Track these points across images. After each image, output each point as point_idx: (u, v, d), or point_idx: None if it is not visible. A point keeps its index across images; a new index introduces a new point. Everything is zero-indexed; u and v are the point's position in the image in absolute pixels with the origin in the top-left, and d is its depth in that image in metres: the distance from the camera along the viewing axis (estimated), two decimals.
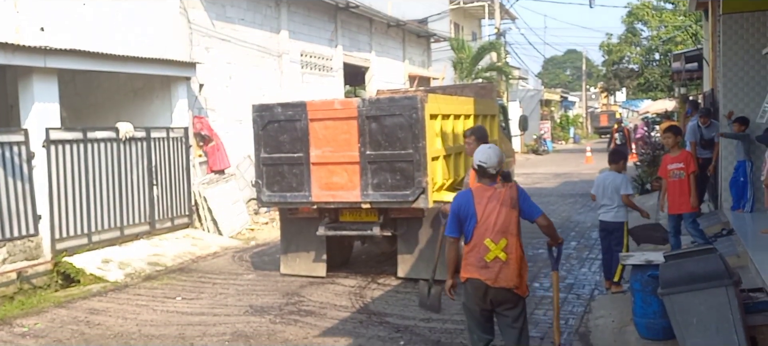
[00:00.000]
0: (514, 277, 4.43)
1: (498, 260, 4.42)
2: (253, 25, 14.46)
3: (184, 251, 10.75)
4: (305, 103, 8.16)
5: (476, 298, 4.51)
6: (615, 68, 37.87)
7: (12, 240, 9.00)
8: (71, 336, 6.72)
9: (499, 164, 4.54)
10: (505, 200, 4.46)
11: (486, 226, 4.46)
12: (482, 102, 10.30)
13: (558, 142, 43.54)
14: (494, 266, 4.43)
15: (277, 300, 7.75)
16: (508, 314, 4.51)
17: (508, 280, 4.42)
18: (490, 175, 4.53)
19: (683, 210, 7.79)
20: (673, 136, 7.92)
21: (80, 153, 9.93)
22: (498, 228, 4.44)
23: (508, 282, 4.42)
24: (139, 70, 11.25)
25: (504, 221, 4.43)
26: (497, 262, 4.43)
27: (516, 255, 4.44)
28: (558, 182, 19.88)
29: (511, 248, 4.43)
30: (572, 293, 7.61)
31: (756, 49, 9.13)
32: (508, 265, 4.42)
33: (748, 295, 5.25)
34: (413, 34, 23.00)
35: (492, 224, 4.44)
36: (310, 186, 8.08)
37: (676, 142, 7.90)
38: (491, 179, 4.54)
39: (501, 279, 4.42)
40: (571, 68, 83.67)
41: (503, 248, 4.42)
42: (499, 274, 4.42)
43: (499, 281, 4.42)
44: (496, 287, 4.42)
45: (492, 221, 4.44)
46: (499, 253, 4.42)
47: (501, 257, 4.42)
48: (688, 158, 7.84)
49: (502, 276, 4.42)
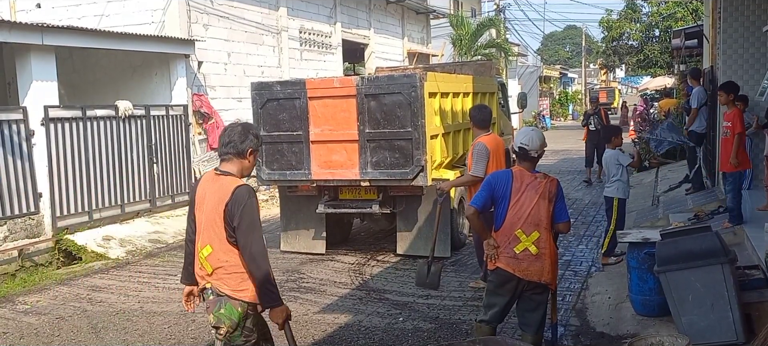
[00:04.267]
0: (546, 272, 4.26)
1: (528, 252, 4.23)
2: (252, 2, 14.38)
3: (185, 229, 10.79)
4: (304, 82, 8.16)
5: (506, 289, 4.35)
6: (614, 45, 37.66)
7: (13, 218, 9.05)
8: (73, 313, 6.79)
9: (541, 148, 4.37)
10: (543, 193, 4.24)
11: (519, 214, 4.24)
12: (481, 80, 10.29)
13: (557, 119, 43.52)
14: (524, 258, 4.24)
15: (277, 277, 7.71)
16: (533, 298, 4.35)
17: (540, 274, 4.25)
18: (531, 158, 4.35)
19: (726, 169, 7.60)
20: (725, 95, 7.68)
21: (80, 131, 9.93)
22: (531, 219, 4.22)
23: (540, 276, 4.26)
24: (138, 47, 11.21)
25: (538, 214, 4.22)
26: (527, 254, 4.23)
27: (549, 250, 4.25)
28: (556, 159, 19.93)
29: (543, 242, 4.22)
30: (569, 270, 7.67)
31: (756, 26, 9.11)
32: (540, 259, 4.23)
33: (743, 272, 5.30)
34: (412, 11, 22.87)
35: (525, 214, 4.23)
36: (309, 164, 8.10)
37: (728, 99, 7.63)
38: (532, 162, 4.36)
39: (532, 272, 4.25)
40: (570, 45, 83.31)
41: (534, 241, 4.22)
42: (529, 267, 4.24)
43: (530, 275, 4.25)
44: (527, 280, 4.27)
45: (526, 210, 4.23)
46: (529, 245, 4.22)
47: (532, 250, 4.22)
48: (735, 118, 7.48)
49: (533, 270, 4.24)
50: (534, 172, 4.36)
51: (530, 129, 4.51)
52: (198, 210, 3.67)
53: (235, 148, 3.57)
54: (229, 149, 3.57)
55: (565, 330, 5.75)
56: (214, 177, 3.62)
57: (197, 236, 3.66)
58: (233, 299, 3.54)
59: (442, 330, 5.85)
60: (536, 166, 4.43)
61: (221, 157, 3.63)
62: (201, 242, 3.60)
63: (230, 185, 3.51)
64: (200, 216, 3.64)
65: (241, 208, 3.44)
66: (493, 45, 27.69)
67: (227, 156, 3.60)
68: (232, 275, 3.54)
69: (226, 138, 3.59)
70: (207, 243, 3.56)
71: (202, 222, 3.61)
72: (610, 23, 36.78)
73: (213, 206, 3.53)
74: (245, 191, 3.49)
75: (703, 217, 8.07)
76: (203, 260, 3.59)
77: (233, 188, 3.49)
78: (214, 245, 3.54)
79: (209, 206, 3.55)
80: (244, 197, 3.47)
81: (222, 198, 3.49)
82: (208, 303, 3.60)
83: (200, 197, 3.66)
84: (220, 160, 3.64)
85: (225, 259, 3.53)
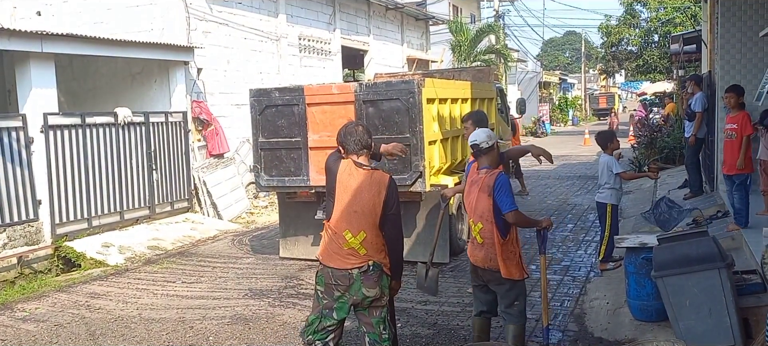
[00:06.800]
0: (490, 260, 4.52)
1: (475, 241, 4.62)
2: (251, 9, 14.42)
3: (184, 235, 10.81)
4: (302, 88, 8.18)
5: (473, 277, 4.80)
6: (614, 50, 37.74)
7: (12, 225, 9.06)
8: (72, 320, 6.79)
9: (489, 138, 4.62)
10: (483, 186, 4.53)
11: (470, 206, 4.65)
12: (479, 86, 10.30)
13: (557, 124, 43.54)
14: (474, 246, 4.65)
15: (276, 283, 7.82)
16: (495, 290, 4.65)
17: (486, 262, 4.54)
18: (484, 150, 4.60)
19: (731, 172, 7.59)
20: (735, 97, 7.70)
21: (79, 138, 9.95)
22: (476, 211, 4.57)
23: (486, 263, 4.55)
24: (137, 54, 11.23)
25: (480, 206, 4.53)
26: (475, 243, 4.63)
27: (491, 240, 4.49)
28: (556, 164, 19.94)
29: (486, 232, 4.51)
30: (568, 275, 7.67)
31: (754, 31, 9.13)
32: (484, 247, 4.54)
33: (741, 277, 5.30)
34: (411, 17, 22.92)
35: (471, 206, 4.62)
36: (308, 170, 8.11)
37: (737, 102, 7.67)
38: (486, 155, 4.60)
39: (478, 259, 4.60)
40: (570, 50, 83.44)
41: (479, 231, 4.54)
42: (476, 253, 4.61)
43: (477, 260, 4.62)
44: (477, 266, 4.62)
45: (471, 203, 4.61)
46: (476, 235, 4.59)
47: (477, 239, 4.58)
48: (743, 120, 7.53)
49: (480, 257, 4.58)
50: (485, 167, 4.60)
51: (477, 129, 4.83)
52: (346, 199, 4.03)
53: (365, 143, 4.11)
54: (360, 145, 4.09)
55: (563, 335, 5.76)
56: (364, 170, 4.07)
57: (341, 223, 4.03)
58: (385, 273, 4.11)
59: (440, 336, 5.85)
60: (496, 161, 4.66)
61: (355, 152, 4.10)
62: (353, 228, 4.02)
63: (384, 177, 4.10)
64: (352, 206, 4.02)
65: (396, 194, 4.10)
66: (493, 51, 27.72)
67: (362, 151, 4.11)
68: (381, 252, 4.08)
69: (356, 136, 4.10)
70: (361, 230, 4.01)
71: (355, 212, 4.01)
72: (610, 29, 36.88)
73: (370, 196, 4.01)
74: (394, 181, 4.17)
75: (702, 222, 8.06)
76: (357, 244, 4.01)
77: (388, 179, 4.09)
78: (368, 231, 4.02)
79: (366, 196, 4.01)
80: (395, 186, 4.14)
81: (380, 189, 4.03)
82: (369, 279, 4.03)
83: (350, 187, 4.04)
84: (356, 154, 4.11)
85: (377, 240, 4.06)
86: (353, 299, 4.07)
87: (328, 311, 4.11)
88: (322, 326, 4.13)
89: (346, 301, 4.08)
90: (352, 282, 4.04)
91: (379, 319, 4.12)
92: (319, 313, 4.15)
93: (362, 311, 4.13)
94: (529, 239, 8.93)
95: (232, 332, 6.19)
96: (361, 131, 4.14)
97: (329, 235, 4.12)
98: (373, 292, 4.06)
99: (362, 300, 4.07)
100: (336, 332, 4.17)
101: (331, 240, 4.10)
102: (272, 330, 6.21)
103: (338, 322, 4.14)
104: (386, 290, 4.13)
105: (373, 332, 4.13)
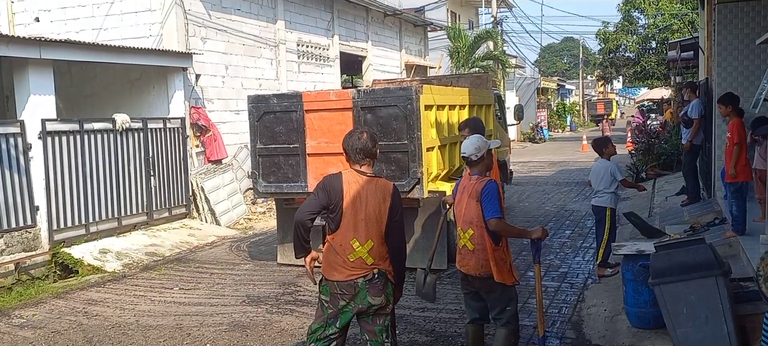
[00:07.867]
0: (482, 267, 4.49)
1: (466, 248, 4.57)
2: (250, 16, 14.44)
3: (182, 241, 10.80)
4: (301, 94, 8.19)
5: (463, 285, 4.77)
6: (611, 56, 37.82)
7: (9, 231, 9.05)
8: (69, 327, 6.78)
9: (477, 151, 4.59)
10: (472, 193, 4.53)
11: (459, 214, 4.64)
12: (477, 92, 10.33)
13: (555, 130, 43.62)
14: (464, 254, 4.60)
15: (273, 290, 7.81)
16: (487, 297, 4.63)
17: (478, 269, 4.51)
18: (472, 162, 4.61)
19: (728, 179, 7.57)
20: (724, 106, 7.75)
21: (77, 144, 9.95)
22: (465, 218, 4.56)
23: (478, 271, 4.51)
24: (135, 60, 11.25)
25: (470, 213, 4.52)
26: (466, 250, 4.58)
27: (483, 246, 4.46)
28: (554, 170, 19.95)
29: (476, 238, 4.49)
30: (566, 282, 7.67)
31: (751, 38, 9.16)
32: (475, 254, 4.51)
33: (738, 284, 5.31)
34: (410, 23, 22.97)
35: (461, 214, 4.61)
36: (306, 177, 8.11)
37: (727, 111, 7.68)
38: (477, 165, 4.61)
39: (470, 267, 4.55)
40: (568, 56, 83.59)
41: (470, 238, 4.52)
42: (468, 261, 4.57)
43: (469, 269, 4.57)
44: (468, 274, 4.59)
45: (461, 210, 4.60)
46: (466, 242, 4.55)
47: (468, 246, 4.54)
48: (733, 129, 7.53)
49: (471, 264, 4.54)
50: (476, 173, 4.61)
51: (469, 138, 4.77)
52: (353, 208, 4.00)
53: (368, 152, 4.10)
54: (362, 154, 4.08)
55: (560, 343, 5.75)
56: (366, 179, 4.07)
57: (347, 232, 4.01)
58: (390, 281, 4.12)
59: (437, 343, 5.86)
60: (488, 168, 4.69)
61: (358, 161, 4.10)
62: (361, 237, 4.01)
63: (388, 184, 4.13)
64: (358, 214, 4.01)
65: (400, 201, 4.14)
66: (491, 57, 27.79)
67: (365, 160, 4.11)
68: (386, 260, 4.09)
69: (360, 144, 4.08)
70: (369, 238, 4.01)
71: (362, 220, 4.01)
72: (607, 35, 36.97)
73: (376, 204, 4.02)
74: (398, 189, 4.19)
75: (699, 228, 8.07)
76: (364, 253, 4.01)
77: (392, 186, 4.13)
78: (375, 239, 4.02)
79: (372, 205, 4.02)
80: (399, 193, 4.18)
81: (385, 196, 4.05)
82: (374, 287, 4.03)
83: (356, 196, 4.01)
84: (359, 164, 4.10)
85: (382, 248, 4.06)
86: (358, 308, 4.07)
87: (333, 319, 4.10)
88: (326, 335, 4.12)
89: (350, 309, 4.08)
90: (357, 291, 4.04)
91: (383, 327, 4.13)
92: (323, 322, 4.13)
93: (366, 318, 4.11)
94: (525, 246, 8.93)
95: (229, 339, 6.18)
96: (365, 139, 4.11)
97: (333, 248, 4.09)
98: (379, 300, 4.06)
99: (367, 308, 4.07)
100: (338, 340, 4.16)
101: (336, 253, 4.07)
102: (270, 337, 6.21)
103: (341, 330, 4.14)
104: (391, 298, 4.15)
105: (375, 339, 4.12)
